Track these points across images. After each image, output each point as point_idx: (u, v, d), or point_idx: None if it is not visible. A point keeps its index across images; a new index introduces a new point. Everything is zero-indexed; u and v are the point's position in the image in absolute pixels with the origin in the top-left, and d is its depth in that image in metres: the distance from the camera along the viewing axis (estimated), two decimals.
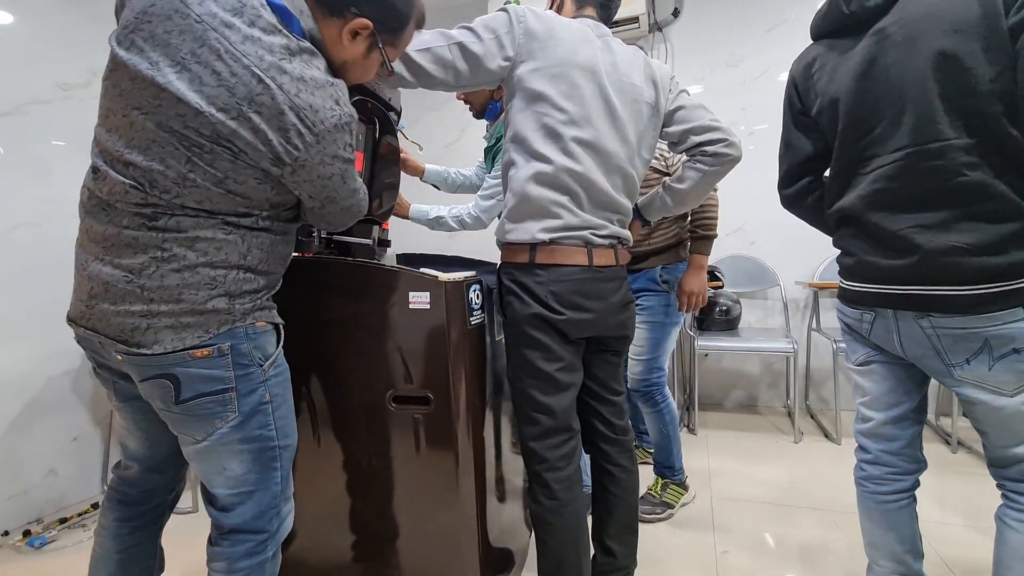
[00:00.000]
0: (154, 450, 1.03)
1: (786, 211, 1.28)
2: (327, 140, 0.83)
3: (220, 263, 0.86)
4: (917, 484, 1.10)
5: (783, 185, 1.24)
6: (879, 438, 1.11)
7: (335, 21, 0.88)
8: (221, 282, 0.87)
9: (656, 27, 3.08)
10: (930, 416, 2.67)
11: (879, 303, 1.02)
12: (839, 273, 1.14)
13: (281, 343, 0.97)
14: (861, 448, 1.16)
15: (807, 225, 1.51)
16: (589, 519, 1.22)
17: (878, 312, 1.03)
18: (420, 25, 1.01)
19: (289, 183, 0.86)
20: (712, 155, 1.18)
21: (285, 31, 0.80)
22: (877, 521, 1.12)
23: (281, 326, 0.98)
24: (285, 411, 0.98)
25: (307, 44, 0.83)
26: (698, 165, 1.20)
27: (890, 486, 1.10)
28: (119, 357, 0.86)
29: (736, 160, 1.20)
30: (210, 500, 0.96)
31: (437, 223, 1.71)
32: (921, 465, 1.10)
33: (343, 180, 0.90)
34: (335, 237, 1.32)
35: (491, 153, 1.73)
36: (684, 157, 1.25)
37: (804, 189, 1.20)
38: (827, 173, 1.16)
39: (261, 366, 0.92)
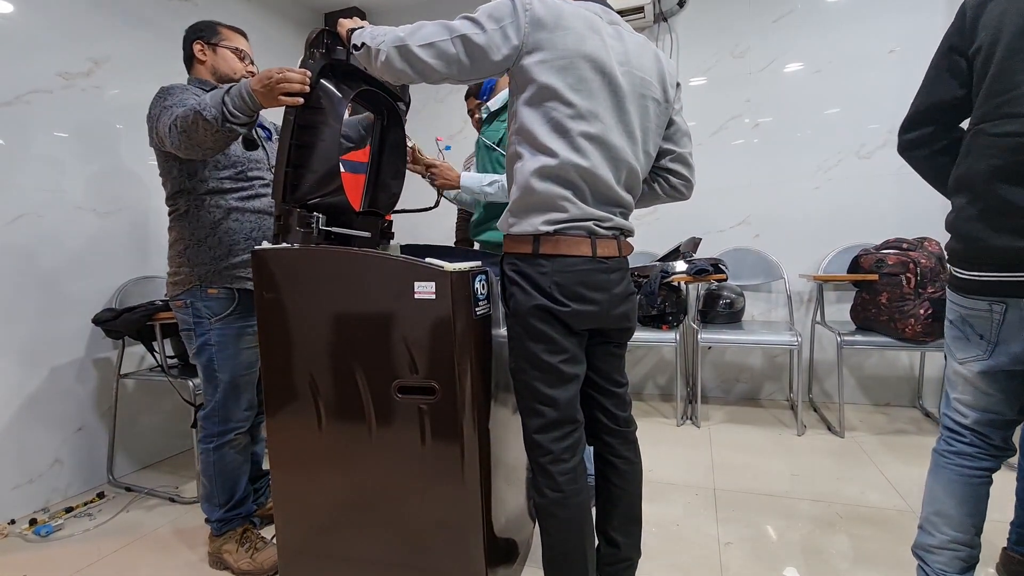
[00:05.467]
0: None
1: (790, 203, 1.27)
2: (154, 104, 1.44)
3: (181, 240, 1.49)
4: (999, 466, 1.11)
5: (904, 128, 1.15)
6: (974, 432, 1.11)
7: (194, 61, 1.54)
8: (184, 254, 1.48)
9: (661, 17, 3.05)
10: (932, 410, 2.66)
11: (1014, 292, 0.94)
12: (949, 261, 1.06)
13: (234, 306, 1.49)
14: (952, 431, 1.14)
15: (811, 218, 1.47)
16: (594, 510, 1.22)
17: (1009, 303, 0.97)
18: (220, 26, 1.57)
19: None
20: (672, 187, 1.25)
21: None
22: (954, 493, 1.11)
23: (236, 291, 1.50)
24: (228, 354, 1.51)
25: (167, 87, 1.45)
26: (653, 185, 1.25)
27: (980, 463, 1.10)
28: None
29: (682, 200, 1.29)
30: None
31: (491, 186, 1.60)
32: (1012, 452, 1.10)
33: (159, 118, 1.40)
34: (334, 230, 1.32)
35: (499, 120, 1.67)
36: None
37: (924, 138, 1.11)
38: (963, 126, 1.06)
39: (209, 319, 1.49)
